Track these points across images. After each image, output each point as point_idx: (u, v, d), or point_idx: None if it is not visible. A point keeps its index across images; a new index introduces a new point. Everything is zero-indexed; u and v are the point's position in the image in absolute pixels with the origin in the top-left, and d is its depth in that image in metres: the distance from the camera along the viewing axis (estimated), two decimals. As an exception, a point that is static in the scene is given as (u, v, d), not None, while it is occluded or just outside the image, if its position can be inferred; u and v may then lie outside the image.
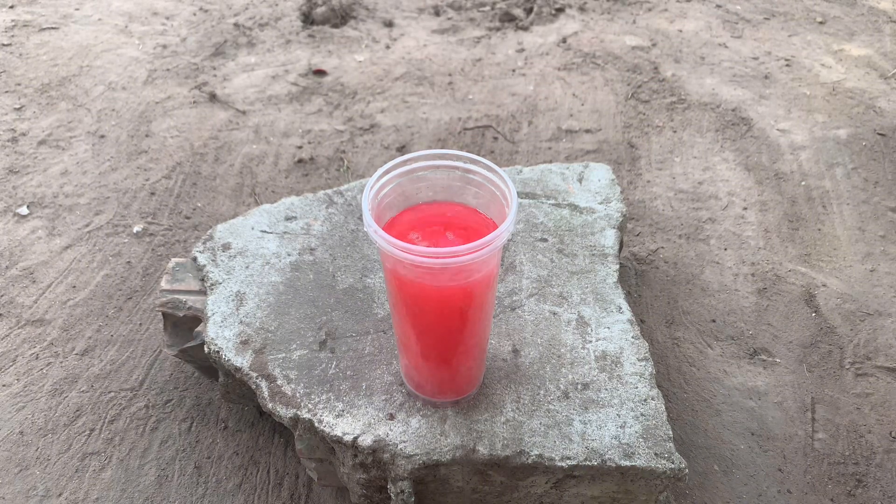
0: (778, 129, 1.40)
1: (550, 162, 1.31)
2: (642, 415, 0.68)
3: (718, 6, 1.87)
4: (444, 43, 1.71)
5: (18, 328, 1.00)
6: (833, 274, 1.09)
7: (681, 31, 1.75)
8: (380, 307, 0.78)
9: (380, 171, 0.58)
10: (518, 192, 0.93)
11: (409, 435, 0.66)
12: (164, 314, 0.83)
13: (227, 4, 1.85)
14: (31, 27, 1.71)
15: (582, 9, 1.86)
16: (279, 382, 0.71)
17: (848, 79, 1.54)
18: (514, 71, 1.60)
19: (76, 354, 0.96)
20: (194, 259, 0.86)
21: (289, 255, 0.85)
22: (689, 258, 1.11)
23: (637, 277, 1.07)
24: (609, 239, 0.87)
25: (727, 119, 1.43)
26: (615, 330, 0.76)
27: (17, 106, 1.45)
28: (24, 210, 1.20)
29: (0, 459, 0.84)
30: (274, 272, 0.82)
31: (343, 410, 0.68)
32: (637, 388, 0.71)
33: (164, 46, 1.67)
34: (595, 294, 0.80)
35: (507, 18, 1.81)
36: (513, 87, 1.53)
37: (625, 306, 0.79)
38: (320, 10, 1.80)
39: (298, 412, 0.68)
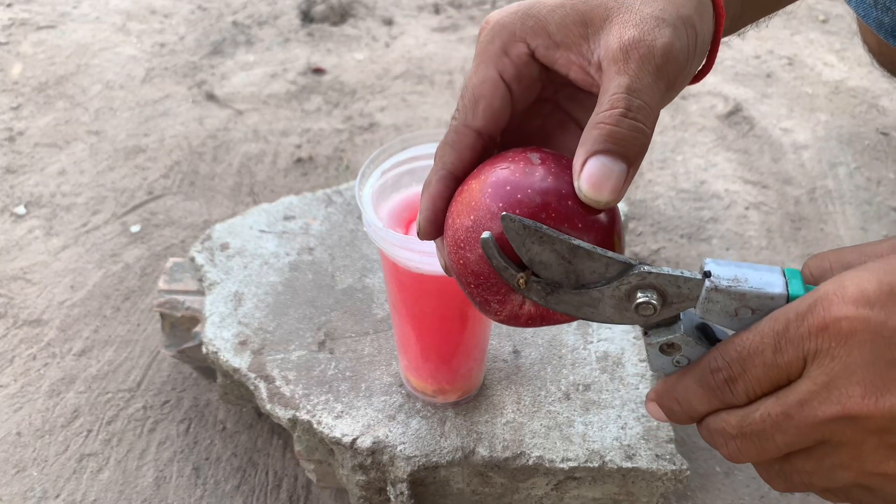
0: (780, 129, 1.39)
1: (551, 161, 1.30)
2: (644, 416, 0.68)
3: (719, 4, 1.86)
4: (445, 41, 1.70)
5: (16, 328, 0.99)
6: (835, 273, 1.08)
7: (682, 29, 1.75)
8: (379, 308, 0.78)
9: (378, 170, 0.57)
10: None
11: (408, 436, 0.66)
12: (161, 314, 0.83)
13: (225, 2, 1.85)
14: (28, 25, 1.71)
15: (582, 7, 1.85)
16: (278, 383, 0.70)
17: (850, 77, 1.54)
18: (514, 69, 1.59)
19: (73, 355, 0.96)
20: (192, 259, 0.85)
21: (287, 254, 0.84)
22: (692, 258, 1.10)
23: (638, 277, 1.07)
24: (610, 238, 0.86)
25: (729, 118, 1.42)
26: (616, 330, 0.76)
27: (14, 105, 1.44)
28: (21, 210, 1.19)
29: (-4, 461, 0.84)
30: (272, 272, 0.82)
31: (342, 411, 0.68)
32: (638, 389, 0.70)
33: (162, 45, 1.66)
34: (596, 294, 0.79)
35: (508, 17, 1.80)
36: (513, 86, 1.52)
37: (626, 306, 0.78)
38: (319, 8, 1.79)
39: (297, 413, 0.68)
